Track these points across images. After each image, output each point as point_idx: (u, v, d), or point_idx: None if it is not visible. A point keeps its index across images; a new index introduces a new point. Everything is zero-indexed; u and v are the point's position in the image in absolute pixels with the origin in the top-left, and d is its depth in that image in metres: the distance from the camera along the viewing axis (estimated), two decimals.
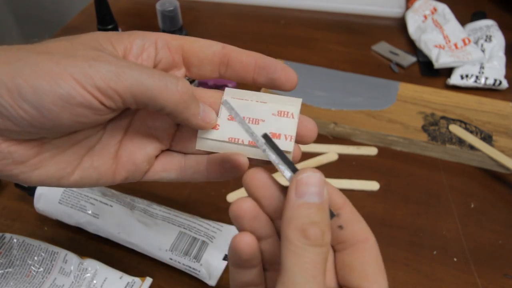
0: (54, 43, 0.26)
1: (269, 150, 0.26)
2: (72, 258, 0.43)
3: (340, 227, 0.26)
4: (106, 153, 0.29)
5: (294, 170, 0.25)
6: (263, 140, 0.26)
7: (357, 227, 0.26)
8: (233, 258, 0.26)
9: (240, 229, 0.26)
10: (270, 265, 0.27)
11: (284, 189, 0.26)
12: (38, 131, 0.25)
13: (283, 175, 0.25)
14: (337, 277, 0.27)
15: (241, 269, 0.27)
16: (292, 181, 0.24)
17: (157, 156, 0.30)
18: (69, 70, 0.23)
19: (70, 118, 0.24)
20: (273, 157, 0.26)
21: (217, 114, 0.28)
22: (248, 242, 0.25)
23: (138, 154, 0.29)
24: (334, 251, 0.27)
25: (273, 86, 0.29)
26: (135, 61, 0.28)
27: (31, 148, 0.26)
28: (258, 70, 0.29)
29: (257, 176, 0.26)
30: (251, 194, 0.26)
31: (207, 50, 0.30)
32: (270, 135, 0.26)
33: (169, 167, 0.30)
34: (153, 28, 0.61)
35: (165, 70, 0.29)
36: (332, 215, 0.26)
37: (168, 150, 0.30)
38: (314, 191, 0.23)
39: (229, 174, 0.29)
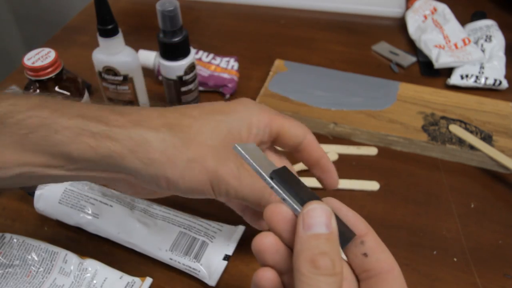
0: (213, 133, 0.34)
1: (277, 188, 0.27)
2: (72, 258, 0.43)
3: (365, 254, 0.26)
4: None
5: (302, 202, 0.26)
6: (269, 180, 0.27)
7: (382, 256, 0.26)
8: None
9: (262, 263, 0.27)
10: None
11: None
12: None
13: (294, 212, 0.26)
14: None
15: None
16: (300, 215, 0.24)
17: None
18: (211, 179, 0.33)
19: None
20: (281, 195, 0.26)
21: None
22: (269, 277, 0.26)
23: None
24: (359, 280, 0.27)
25: (315, 176, 0.40)
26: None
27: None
28: (316, 166, 0.39)
29: (277, 211, 0.26)
30: (272, 228, 0.27)
31: (295, 140, 0.38)
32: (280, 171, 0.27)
33: None
34: (153, 28, 0.61)
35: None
36: (351, 233, 0.26)
37: None
38: (321, 221, 0.24)
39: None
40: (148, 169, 0.31)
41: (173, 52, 0.54)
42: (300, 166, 0.52)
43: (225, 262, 0.43)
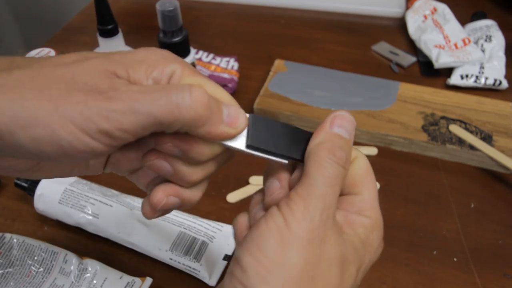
0: (55, 71, 0.23)
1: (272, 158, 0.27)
2: (72, 258, 0.43)
3: None
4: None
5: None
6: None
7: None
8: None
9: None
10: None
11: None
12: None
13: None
14: None
15: None
16: (328, 116, 0.27)
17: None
18: (68, 115, 0.21)
19: (73, 160, 0.23)
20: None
21: None
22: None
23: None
24: None
25: None
26: None
27: (30, 162, 0.26)
28: None
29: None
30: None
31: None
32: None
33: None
34: (153, 28, 0.61)
35: None
36: None
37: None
38: (347, 127, 0.27)
39: None
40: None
41: (173, 52, 0.54)
42: None
43: (225, 262, 0.43)
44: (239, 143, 0.25)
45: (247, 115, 0.25)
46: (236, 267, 0.24)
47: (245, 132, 0.25)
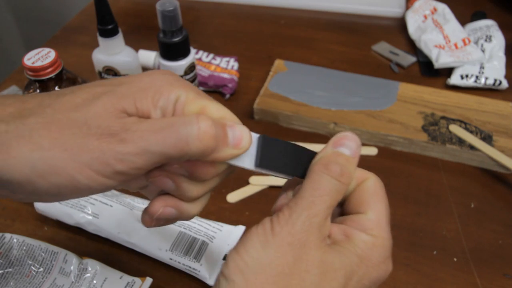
0: (68, 116, 0.24)
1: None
2: (72, 258, 0.43)
3: None
4: None
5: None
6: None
7: (358, 172, 0.28)
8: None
9: None
10: None
11: None
12: None
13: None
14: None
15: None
16: (332, 138, 0.28)
17: None
18: (85, 162, 0.23)
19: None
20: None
21: None
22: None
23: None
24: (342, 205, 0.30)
25: None
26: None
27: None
28: None
29: None
30: None
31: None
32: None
33: None
34: (153, 28, 0.61)
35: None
36: None
37: None
38: (350, 145, 0.27)
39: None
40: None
41: (173, 52, 0.54)
42: None
43: None
44: (248, 162, 0.27)
45: (256, 135, 0.27)
46: (224, 262, 0.26)
47: (252, 150, 0.27)
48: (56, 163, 0.23)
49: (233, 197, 0.51)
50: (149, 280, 0.43)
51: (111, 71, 0.55)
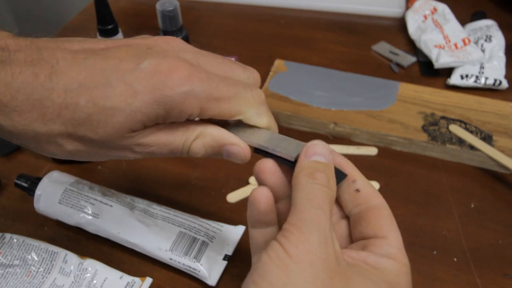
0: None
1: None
2: (72, 258, 0.43)
3: (357, 190, 0.29)
4: None
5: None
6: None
7: (374, 192, 0.29)
8: (251, 212, 0.29)
9: (260, 183, 0.30)
10: None
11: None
12: None
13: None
14: (351, 237, 0.30)
15: (259, 228, 0.29)
16: (303, 148, 0.28)
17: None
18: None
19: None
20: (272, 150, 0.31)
21: None
22: (265, 194, 0.28)
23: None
24: (348, 217, 0.30)
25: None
26: None
27: None
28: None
29: (266, 165, 0.30)
30: (262, 180, 0.30)
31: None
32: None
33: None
34: (153, 28, 0.61)
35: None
36: (343, 174, 0.29)
37: None
38: (322, 152, 0.28)
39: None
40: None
41: None
42: None
43: (225, 262, 0.43)
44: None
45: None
46: None
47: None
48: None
49: (233, 197, 0.51)
50: (149, 280, 0.43)
51: None
